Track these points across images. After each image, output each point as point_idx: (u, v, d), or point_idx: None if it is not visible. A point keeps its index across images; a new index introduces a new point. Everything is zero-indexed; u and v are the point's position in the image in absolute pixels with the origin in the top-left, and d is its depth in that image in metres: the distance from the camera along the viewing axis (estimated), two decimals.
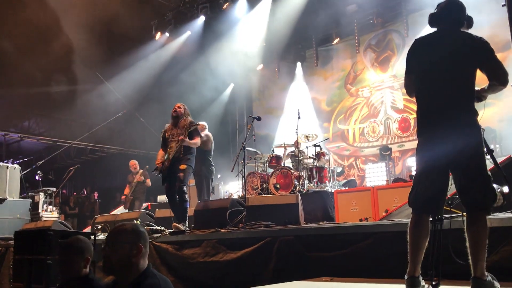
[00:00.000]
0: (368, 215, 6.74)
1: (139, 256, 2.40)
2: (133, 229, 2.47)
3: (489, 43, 2.91)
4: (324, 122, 13.51)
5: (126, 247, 2.39)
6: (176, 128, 6.37)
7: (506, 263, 3.25)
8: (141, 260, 2.42)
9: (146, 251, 2.46)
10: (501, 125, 9.46)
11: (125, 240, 2.41)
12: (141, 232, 2.48)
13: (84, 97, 12.99)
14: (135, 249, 2.39)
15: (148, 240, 2.54)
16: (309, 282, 3.77)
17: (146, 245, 2.48)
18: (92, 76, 12.58)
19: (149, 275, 2.39)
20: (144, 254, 2.44)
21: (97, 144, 14.86)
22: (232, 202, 6.15)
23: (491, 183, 2.85)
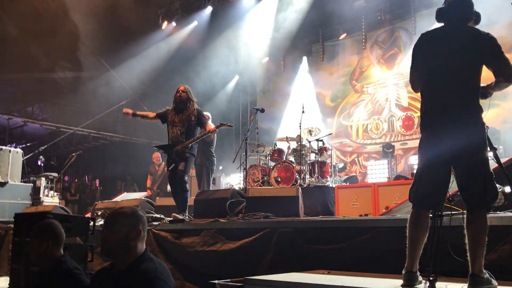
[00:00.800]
0: (368, 211, 6.73)
1: (138, 240, 2.40)
2: (132, 213, 2.47)
3: (496, 39, 2.88)
4: (327, 118, 13.48)
5: (124, 230, 2.39)
6: (180, 115, 6.15)
7: (504, 262, 3.25)
8: (139, 244, 2.42)
9: (144, 235, 2.46)
10: (505, 126, 9.42)
11: (124, 223, 2.41)
12: (140, 215, 2.48)
13: (89, 84, 13.02)
14: (133, 232, 2.40)
15: (147, 224, 2.55)
16: (306, 274, 3.77)
17: (145, 229, 2.48)
18: (97, 64, 12.60)
19: (146, 259, 2.40)
20: (143, 238, 2.44)
21: (100, 131, 14.89)
22: (233, 193, 6.15)
23: (493, 180, 2.84)
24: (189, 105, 6.18)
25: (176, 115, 6.19)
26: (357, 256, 4.02)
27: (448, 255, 3.20)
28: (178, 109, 6.19)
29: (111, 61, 12.58)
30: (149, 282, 2.26)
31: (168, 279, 2.35)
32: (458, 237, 2.90)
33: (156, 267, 2.35)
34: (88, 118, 13.58)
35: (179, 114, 6.18)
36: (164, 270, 2.39)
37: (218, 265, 4.97)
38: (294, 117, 9.84)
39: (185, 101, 6.17)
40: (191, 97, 6.24)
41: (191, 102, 6.22)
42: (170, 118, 6.23)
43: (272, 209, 5.51)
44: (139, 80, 12.84)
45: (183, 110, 6.16)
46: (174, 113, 6.22)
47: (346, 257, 4.09)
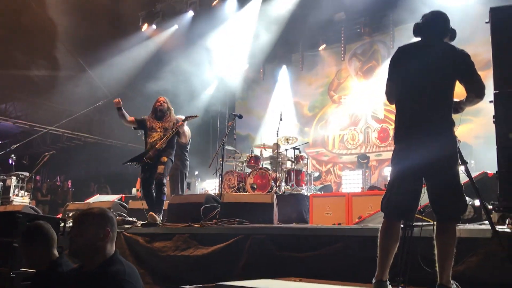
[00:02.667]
0: (341, 220, 6.77)
1: (106, 241, 2.36)
2: (101, 213, 2.43)
3: (470, 56, 2.96)
4: (305, 127, 13.58)
5: (92, 230, 2.34)
6: (159, 121, 6.26)
7: (471, 274, 3.31)
8: (108, 245, 2.38)
9: (113, 236, 2.42)
10: (477, 142, 9.64)
11: (92, 223, 2.37)
12: (108, 216, 2.44)
13: (65, 84, 12.78)
14: (102, 232, 2.35)
15: (116, 225, 2.50)
16: (277, 281, 3.77)
17: (114, 230, 2.43)
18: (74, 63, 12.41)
19: (115, 261, 2.36)
20: (112, 239, 2.40)
21: (75, 132, 14.64)
22: (207, 198, 6.13)
23: (463, 193, 2.91)
24: (169, 114, 6.34)
25: (156, 121, 6.28)
26: (329, 264, 4.04)
27: (417, 265, 3.25)
28: (158, 117, 6.31)
29: (89, 61, 12.42)
30: (118, 285, 2.22)
31: (137, 282, 2.32)
32: (428, 248, 2.95)
33: (125, 270, 2.31)
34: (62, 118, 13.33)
35: (159, 120, 6.27)
36: (133, 273, 2.35)
37: (190, 270, 4.93)
38: (272, 125, 9.89)
39: (165, 110, 6.32)
40: (171, 107, 6.41)
41: (171, 111, 6.37)
42: (149, 125, 6.31)
43: (246, 215, 5.51)
44: (117, 82, 12.69)
45: (163, 118, 6.28)
46: (153, 120, 6.31)
47: (318, 265, 4.11)
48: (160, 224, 5.81)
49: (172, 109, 6.42)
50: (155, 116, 6.32)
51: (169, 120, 6.25)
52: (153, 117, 6.33)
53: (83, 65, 12.50)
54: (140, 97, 11.55)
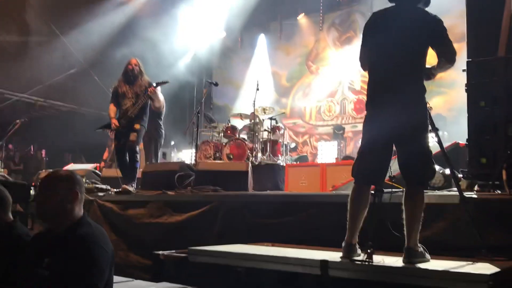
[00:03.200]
0: (316, 189, 6.85)
1: (74, 203, 2.34)
2: (68, 175, 2.40)
3: (442, 21, 2.96)
4: (282, 97, 13.54)
5: (60, 193, 2.31)
6: (131, 86, 6.08)
7: (438, 238, 3.40)
8: (76, 208, 2.35)
9: (81, 198, 2.39)
10: (451, 114, 9.77)
11: (60, 186, 2.34)
12: (76, 178, 2.41)
13: (37, 50, 12.39)
14: (70, 195, 2.32)
15: (84, 187, 2.48)
16: (250, 245, 3.82)
17: (82, 192, 2.41)
18: (46, 28, 12.00)
19: (83, 223, 2.34)
20: (80, 202, 2.38)
21: (48, 99, 14.29)
22: (182, 166, 6.12)
23: (431, 159, 2.95)
24: (141, 78, 6.15)
25: (127, 86, 6.10)
26: (301, 229, 4.10)
27: (386, 230, 3.31)
28: (129, 81, 6.12)
29: (62, 27, 12.02)
30: (86, 246, 2.20)
31: (106, 245, 2.31)
32: (397, 214, 3.01)
33: (94, 232, 2.29)
34: (35, 85, 13.00)
35: (130, 85, 6.10)
36: (102, 236, 2.34)
37: (164, 237, 4.94)
38: (250, 95, 9.82)
39: (136, 74, 6.14)
40: (142, 70, 6.22)
41: (143, 75, 6.19)
42: (121, 91, 6.13)
43: (221, 183, 5.50)
44: (90, 48, 12.35)
45: (134, 82, 6.10)
46: (124, 85, 6.13)
47: (292, 231, 4.16)
48: (134, 192, 5.78)
49: (144, 72, 6.22)
50: (126, 79, 6.13)
51: (140, 84, 6.07)
52: (124, 81, 6.15)
53: (55, 31, 12.10)
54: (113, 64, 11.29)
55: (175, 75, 13.40)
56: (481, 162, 3.81)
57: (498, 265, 2.76)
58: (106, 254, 2.26)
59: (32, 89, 11.39)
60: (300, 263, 2.98)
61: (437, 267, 2.68)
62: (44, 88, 11.91)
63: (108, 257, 2.28)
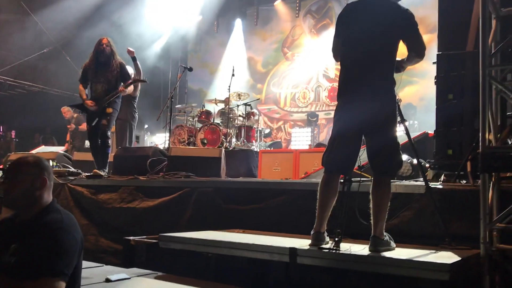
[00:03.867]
0: (288, 176, 6.94)
1: (43, 190, 2.30)
2: (35, 161, 2.34)
3: (414, 16, 3.01)
4: (258, 83, 13.55)
5: (28, 180, 2.27)
6: (102, 69, 5.85)
7: (404, 227, 3.49)
8: (45, 194, 2.31)
9: (50, 184, 2.35)
10: (421, 103, 9.97)
11: (27, 171, 2.29)
12: (44, 164, 2.36)
13: (6, 28, 12.00)
14: (38, 181, 2.28)
15: (53, 173, 2.43)
16: (221, 232, 3.85)
17: (51, 179, 2.37)
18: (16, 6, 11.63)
19: (52, 210, 2.30)
20: (48, 188, 2.34)
21: (17, 79, 13.90)
22: (154, 151, 6.08)
23: (399, 150, 3.02)
24: (113, 60, 5.90)
25: (98, 71, 5.89)
26: (272, 216, 4.15)
27: (355, 218, 3.39)
28: (100, 63, 5.88)
29: (32, 4, 11.66)
30: (54, 233, 2.17)
31: (75, 231, 2.27)
32: (365, 202, 3.08)
33: (62, 218, 2.25)
34: (4, 65, 12.62)
35: (101, 69, 5.88)
36: (71, 222, 2.30)
37: (135, 222, 4.94)
38: (225, 80, 9.80)
39: (108, 55, 5.87)
40: (114, 50, 5.96)
41: (114, 56, 5.94)
42: (91, 74, 5.94)
43: (194, 169, 5.51)
44: (63, 28, 12.03)
45: (105, 65, 5.87)
46: (95, 68, 5.90)
47: (263, 218, 4.21)
48: (105, 176, 5.73)
49: (116, 52, 5.96)
50: (97, 61, 5.87)
51: (112, 69, 5.85)
52: (95, 62, 5.88)
53: (26, 8, 11.73)
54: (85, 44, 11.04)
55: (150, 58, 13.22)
56: (448, 153, 3.91)
57: (460, 253, 2.86)
58: (74, 240, 2.23)
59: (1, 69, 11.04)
60: (269, 251, 3.03)
61: (401, 255, 2.77)
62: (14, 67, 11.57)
63: (76, 243, 2.24)
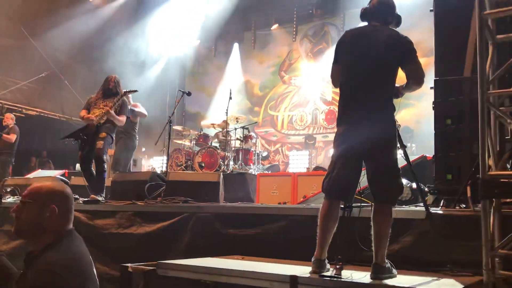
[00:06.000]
0: (287, 199, 6.90)
1: (53, 220, 2.16)
2: (49, 188, 2.21)
3: (413, 43, 3.04)
4: (255, 106, 13.62)
5: (36, 207, 2.14)
6: (104, 99, 6.02)
7: (405, 252, 3.46)
8: (58, 225, 2.18)
9: (64, 215, 2.21)
10: (418, 126, 10.02)
11: (37, 199, 2.16)
12: (58, 192, 2.23)
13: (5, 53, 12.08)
14: (47, 211, 2.15)
15: (69, 203, 2.27)
16: (220, 259, 3.80)
17: (65, 207, 2.23)
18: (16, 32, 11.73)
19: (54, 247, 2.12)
20: (61, 218, 2.20)
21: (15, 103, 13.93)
22: (152, 176, 6.04)
23: (399, 177, 3.01)
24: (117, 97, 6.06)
25: (101, 100, 6.06)
26: (272, 242, 4.11)
27: (355, 245, 3.36)
28: (106, 95, 6.09)
29: (31, 29, 11.76)
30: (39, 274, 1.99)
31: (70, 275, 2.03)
32: (366, 228, 3.06)
33: (58, 259, 2.04)
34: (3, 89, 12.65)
35: (105, 99, 6.04)
36: (69, 265, 2.07)
37: (133, 248, 4.87)
38: (222, 103, 9.85)
39: (115, 93, 6.08)
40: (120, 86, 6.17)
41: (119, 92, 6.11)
42: (93, 101, 6.09)
43: (192, 194, 5.47)
44: (61, 52, 12.13)
45: (109, 97, 6.05)
46: (99, 98, 6.10)
47: (262, 243, 4.17)
48: (102, 201, 5.68)
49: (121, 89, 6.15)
50: (103, 94, 6.10)
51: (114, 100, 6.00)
52: (100, 95, 6.12)
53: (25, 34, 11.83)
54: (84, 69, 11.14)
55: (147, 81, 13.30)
56: (447, 178, 3.91)
57: (462, 280, 2.83)
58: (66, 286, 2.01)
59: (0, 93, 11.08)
60: (269, 278, 2.98)
61: (403, 283, 2.73)
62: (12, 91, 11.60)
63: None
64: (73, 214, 2.28)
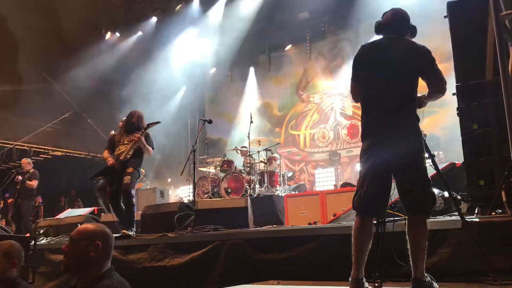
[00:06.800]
0: (316, 218, 6.83)
1: (97, 255, 2.36)
2: (94, 228, 2.45)
3: (431, 52, 3.01)
4: (276, 127, 13.64)
5: (83, 244, 2.36)
6: (128, 135, 5.99)
7: (445, 264, 3.37)
8: (102, 261, 2.38)
9: (105, 251, 2.41)
10: (444, 133, 9.85)
11: (83, 237, 2.38)
12: (101, 231, 2.45)
13: (29, 97, 12.46)
14: (92, 246, 2.36)
15: (110, 240, 2.49)
16: (256, 285, 3.76)
17: (107, 245, 2.43)
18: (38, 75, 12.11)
19: (106, 276, 2.36)
20: (106, 255, 2.41)
21: (41, 146, 14.28)
22: (181, 206, 6.06)
23: (431, 187, 2.95)
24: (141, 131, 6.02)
25: (124, 135, 6.03)
26: (306, 264, 4.05)
27: (392, 260, 3.29)
28: (128, 131, 6.05)
29: (53, 72, 12.13)
30: None
31: None
32: (402, 243, 2.99)
33: (113, 284, 2.32)
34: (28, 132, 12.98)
35: (127, 134, 6.02)
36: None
37: (167, 280, 4.87)
38: (243, 127, 9.91)
39: (137, 127, 6.05)
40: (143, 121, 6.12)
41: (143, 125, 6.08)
42: (118, 138, 6.07)
43: (221, 221, 5.46)
44: (82, 92, 12.44)
45: (133, 132, 6.01)
46: (122, 133, 6.08)
47: (296, 266, 4.11)
48: (134, 236, 5.71)
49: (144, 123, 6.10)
50: (126, 129, 6.07)
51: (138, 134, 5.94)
52: (124, 130, 6.09)
53: (47, 77, 12.20)
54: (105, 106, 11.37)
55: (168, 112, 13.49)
56: (479, 184, 3.82)
57: None
58: None
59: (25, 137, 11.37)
60: None
61: None
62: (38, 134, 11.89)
63: None
64: (112, 251, 2.50)
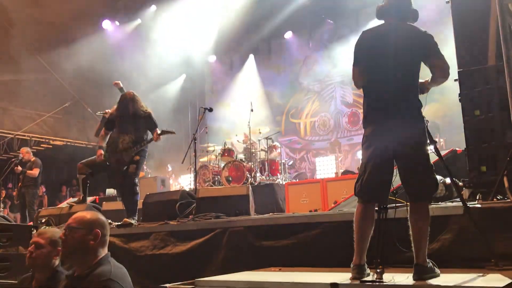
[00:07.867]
0: (317, 206, 6.84)
1: (96, 243, 2.42)
2: (91, 216, 2.50)
3: (433, 37, 2.98)
4: (276, 116, 13.61)
5: (82, 232, 2.40)
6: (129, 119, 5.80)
7: (446, 250, 3.38)
8: (99, 248, 2.44)
9: (104, 239, 2.48)
10: (446, 120, 9.83)
11: (82, 225, 2.43)
12: (99, 219, 2.51)
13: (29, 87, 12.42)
14: (91, 234, 2.41)
15: (107, 228, 2.55)
16: (257, 272, 3.77)
17: (105, 233, 2.50)
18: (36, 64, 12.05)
19: (103, 263, 2.41)
20: (103, 242, 2.46)
21: (42, 135, 14.27)
22: (182, 194, 6.08)
23: (433, 173, 2.94)
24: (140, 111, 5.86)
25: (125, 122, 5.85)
26: (307, 251, 4.07)
27: (394, 246, 3.29)
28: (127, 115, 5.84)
29: (51, 61, 12.07)
30: (101, 284, 2.26)
31: (124, 282, 2.36)
32: (403, 229, 2.99)
33: (111, 270, 2.35)
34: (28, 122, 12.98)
35: (129, 120, 5.84)
36: (120, 273, 2.40)
37: (169, 268, 4.88)
38: (244, 116, 9.88)
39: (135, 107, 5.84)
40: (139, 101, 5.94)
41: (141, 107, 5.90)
42: (119, 122, 5.90)
43: (222, 208, 5.47)
44: (82, 80, 12.40)
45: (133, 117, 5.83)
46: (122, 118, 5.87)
47: (297, 253, 4.13)
48: (135, 224, 5.72)
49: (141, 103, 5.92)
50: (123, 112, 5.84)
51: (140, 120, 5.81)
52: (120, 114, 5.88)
53: (46, 67, 12.14)
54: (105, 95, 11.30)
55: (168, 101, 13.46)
56: (482, 170, 3.81)
57: (510, 275, 2.73)
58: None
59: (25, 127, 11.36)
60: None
61: (448, 282, 2.65)
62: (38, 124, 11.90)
63: None
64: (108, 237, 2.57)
